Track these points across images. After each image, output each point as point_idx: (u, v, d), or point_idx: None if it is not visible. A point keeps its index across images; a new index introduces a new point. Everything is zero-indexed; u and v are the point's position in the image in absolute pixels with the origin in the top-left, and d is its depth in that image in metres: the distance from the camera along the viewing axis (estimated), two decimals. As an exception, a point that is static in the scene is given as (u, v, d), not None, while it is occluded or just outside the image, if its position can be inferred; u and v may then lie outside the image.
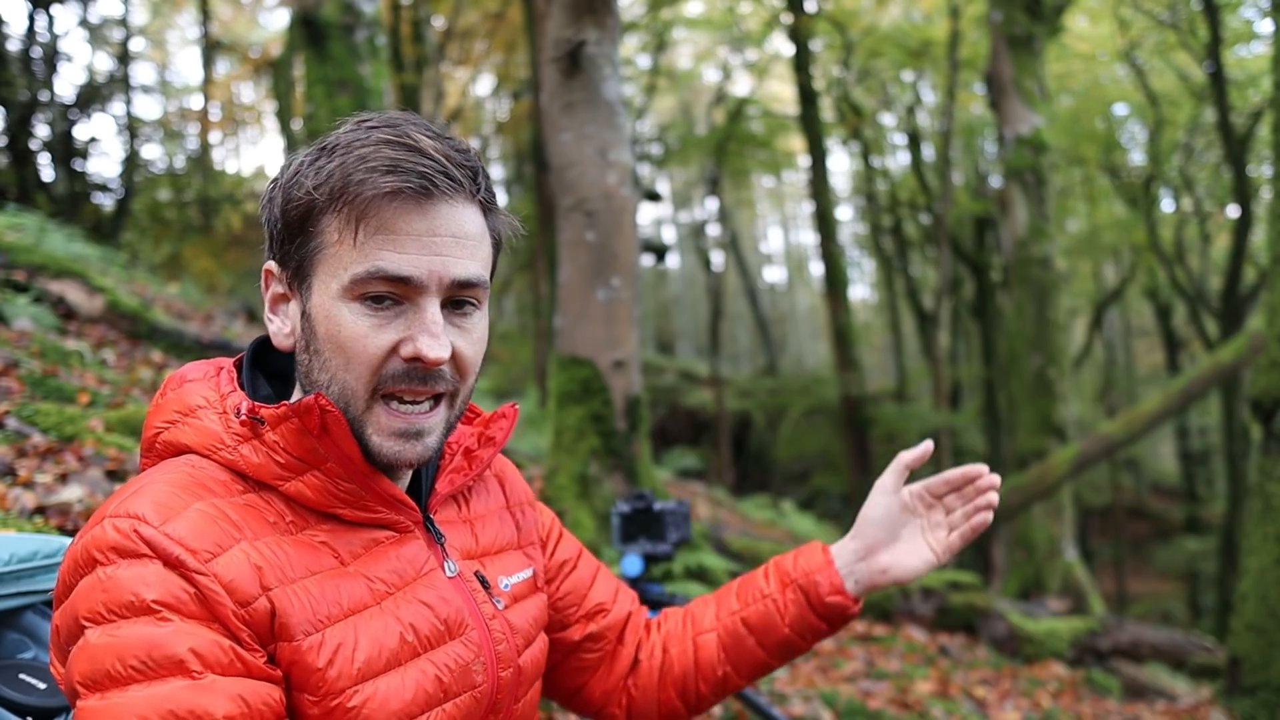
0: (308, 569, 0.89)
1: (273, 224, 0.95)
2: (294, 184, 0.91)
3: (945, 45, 13.18)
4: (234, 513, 0.87)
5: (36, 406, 2.92)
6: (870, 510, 1.25)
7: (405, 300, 0.90)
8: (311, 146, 0.94)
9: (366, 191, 0.87)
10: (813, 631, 1.24)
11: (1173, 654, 5.54)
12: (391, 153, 0.88)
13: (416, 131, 0.91)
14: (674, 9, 16.00)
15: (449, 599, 0.98)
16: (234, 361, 1.02)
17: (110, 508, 0.85)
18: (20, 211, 6.62)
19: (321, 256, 0.91)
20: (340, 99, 6.89)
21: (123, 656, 0.77)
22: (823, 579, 1.22)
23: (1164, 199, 17.53)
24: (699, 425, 18.85)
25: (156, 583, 0.80)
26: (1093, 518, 19.79)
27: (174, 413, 0.95)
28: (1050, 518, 9.21)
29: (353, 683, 0.87)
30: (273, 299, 0.98)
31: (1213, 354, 9.66)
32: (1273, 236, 5.17)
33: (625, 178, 4.06)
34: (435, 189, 0.89)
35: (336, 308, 0.90)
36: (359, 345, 0.89)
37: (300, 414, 0.88)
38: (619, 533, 2.14)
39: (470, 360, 0.96)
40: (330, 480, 0.92)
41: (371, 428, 0.92)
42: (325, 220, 0.90)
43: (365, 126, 0.92)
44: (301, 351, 0.95)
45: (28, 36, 11.24)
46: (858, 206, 24.01)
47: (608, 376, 3.93)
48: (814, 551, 1.26)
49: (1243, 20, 12.59)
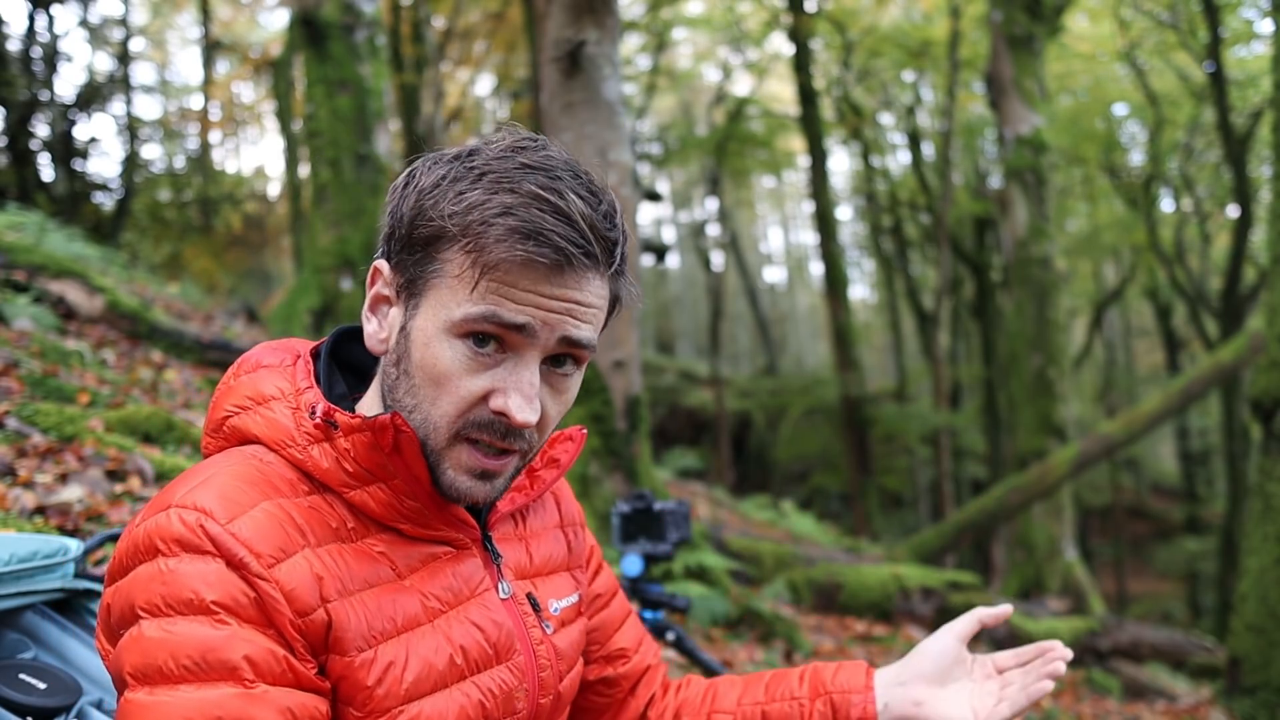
0: (366, 581, 0.88)
1: (398, 224, 0.91)
2: (432, 199, 0.87)
3: (945, 45, 13.19)
4: (299, 515, 0.87)
5: (36, 406, 2.92)
6: (928, 645, 1.20)
7: (509, 350, 0.88)
8: (460, 155, 0.90)
9: (500, 251, 0.83)
10: None
11: (1173, 654, 5.54)
12: (539, 213, 0.84)
13: (570, 191, 0.86)
14: (674, 9, 16.01)
15: (500, 622, 0.97)
16: (310, 350, 1.00)
17: (176, 496, 0.84)
18: (20, 211, 6.62)
19: (438, 283, 0.88)
20: (340, 99, 6.89)
21: (176, 655, 0.77)
22: (857, 701, 1.17)
23: (1164, 199, 17.54)
24: (699, 425, 18.85)
25: (217, 583, 0.80)
26: (1093, 518, 19.80)
27: (245, 398, 0.94)
28: (1050, 518, 9.21)
29: (399, 703, 0.86)
30: (375, 299, 0.95)
31: (1213, 354, 9.67)
32: (1273, 236, 5.17)
33: (625, 178, 4.07)
34: (570, 264, 0.85)
35: (439, 339, 0.87)
36: (453, 384, 0.87)
37: (375, 430, 0.87)
38: (619, 533, 2.14)
39: (553, 421, 0.94)
40: (395, 496, 0.91)
41: (449, 462, 0.90)
42: (452, 252, 0.86)
43: (519, 164, 0.86)
44: (392, 365, 0.92)
45: (28, 36, 11.25)
46: (858, 206, 24.03)
47: (608, 376, 3.93)
48: (857, 671, 1.21)
49: (1243, 20, 12.59)
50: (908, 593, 5.31)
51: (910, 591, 5.32)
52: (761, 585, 5.19)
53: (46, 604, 1.23)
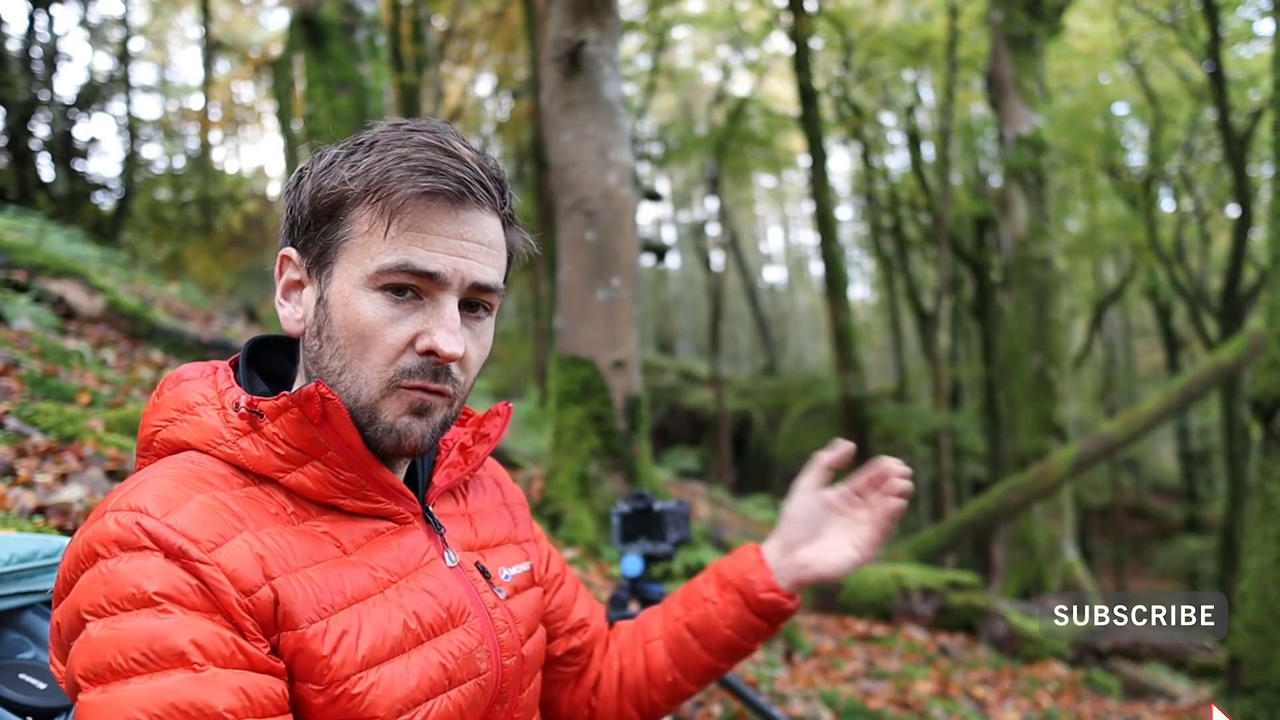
0: (310, 558, 0.89)
1: (298, 210, 0.96)
2: (327, 174, 0.94)
3: (945, 45, 13.18)
4: (236, 504, 0.88)
5: (36, 406, 2.92)
6: (791, 509, 1.29)
7: (425, 295, 0.92)
8: (346, 141, 0.97)
9: (405, 188, 0.90)
10: (754, 631, 1.26)
11: (1173, 654, 5.54)
12: (433, 155, 0.91)
13: (454, 139, 0.95)
14: (674, 8, 16.00)
15: (450, 587, 0.99)
16: (230, 361, 1.03)
17: (111, 502, 0.86)
18: (21, 214, 6.62)
19: (348, 245, 0.93)
20: (340, 99, 6.89)
21: (124, 649, 0.77)
22: (756, 577, 1.25)
23: (1164, 199, 17.54)
24: (699, 425, 18.85)
25: (158, 574, 0.80)
26: (1093, 518, 19.79)
27: (172, 411, 0.96)
28: (1050, 518, 9.21)
29: (357, 670, 0.87)
30: (286, 285, 1.00)
31: (1213, 354, 9.67)
32: (1273, 236, 5.16)
33: (625, 177, 4.07)
34: (470, 195, 0.92)
35: (357, 296, 0.92)
36: (377, 334, 0.91)
37: (300, 403, 0.90)
38: (619, 533, 2.14)
39: (475, 362, 0.98)
40: (331, 470, 0.93)
41: (385, 411, 0.93)
42: (357, 211, 0.92)
43: (405, 129, 0.95)
44: (312, 338, 0.96)
45: (28, 36, 11.24)
46: (858, 206, 24.03)
47: (608, 376, 3.93)
48: (747, 552, 1.29)
49: (1243, 20, 12.59)
50: (908, 593, 5.31)
51: (910, 591, 5.32)
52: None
53: (46, 604, 1.23)
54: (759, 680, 3.41)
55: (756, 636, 1.27)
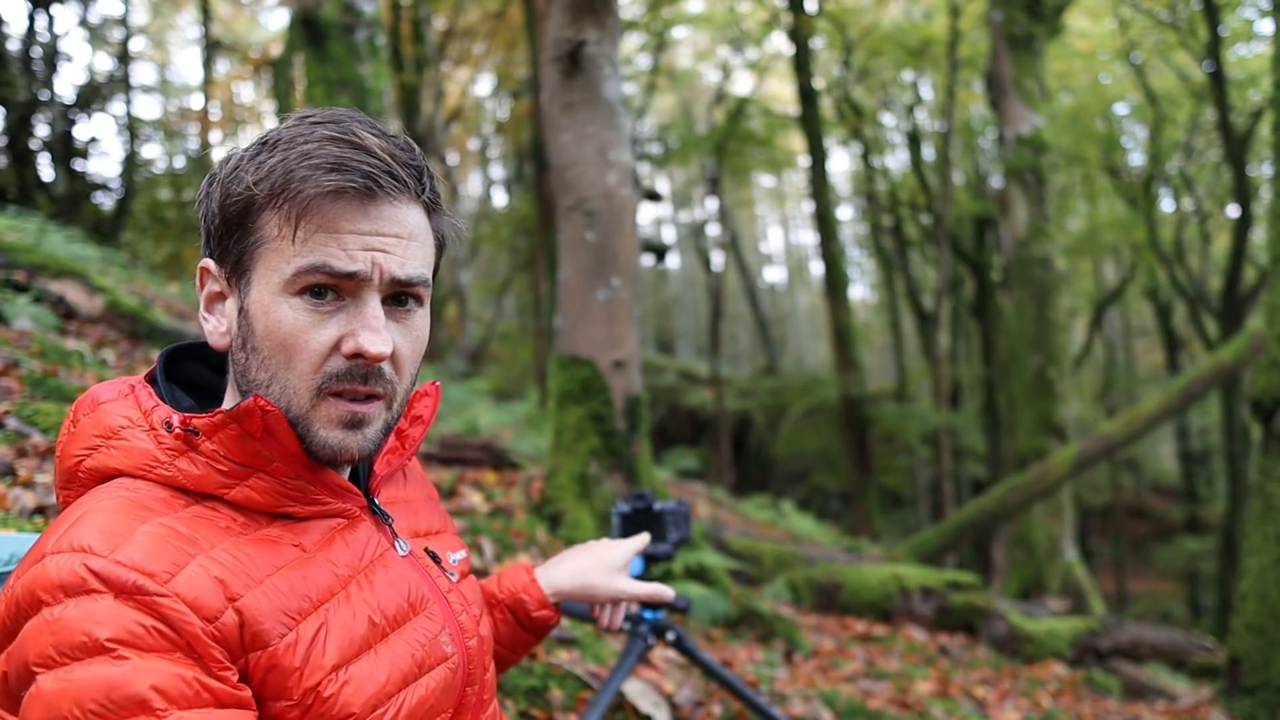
0: (272, 564, 0.87)
1: (210, 220, 0.92)
2: (233, 179, 0.89)
3: (945, 44, 13.19)
4: (184, 527, 0.84)
5: (36, 406, 2.92)
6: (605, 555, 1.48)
7: (347, 296, 0.89)
8: (252, 141, 0.92)
9: (309, 189, 0.86)
10: (523, 644, 1.38)
11: (1173, 654, 5.54)
12: (336, 150, 0.87)
13: (362, 129, 0.90)
14: (674, 8, 16.00)
15: (406, 575, 0.99)
16: (145, 376, 0.98)
17: (50, 543, 0.80)
18: (21, 214, 6.62)
19: (261, 252, 0.89)
20: (340, 99, 6.89)
21: (80, 701, 0.72)
22: (529, 597, 1.36)
23: (1164, 199, 17.53)
24: (699, 425, 18.85)
25: (108, 619, 0.75)
26: (1093, 518, 19.80)
27: (94, 437, 0.90)
28: (1050, 518, 9.21)
29: (326, 674, 0.86)
30: (209, 298, 0.96)
31: (1213, 354, 9.66)
32: (1273, 236, 5.16)
33: (625, 177, 4.06)
34: (379, 188, 0.88)
35: (276, 303, 0.88)
36: (300, 341, 0.88)
37: (241, 418, 0.87)
38: (619, 532, 2.14)
39: (408, 358, 0.95)
40: (277, 480, 0.91)
41: (317, 423, 0.90)
42: (265, 216, 0.88)
43: (309, 122, 0.90)
44: (238, 350, 0.92)
45: (28, 36, 11.24)
46: (858, 206, 24.02)
47: (608, 376, 3.93)
48: (518, 572, 1.39)
49: (1243, 20, 12.59)
50: (908, 593, 5.31)
51: (910, 591, 5.32)
52: (761, 585, 5.19)
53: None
54: (759, 680, 3.41)
55: (525, 649, 1.40)
